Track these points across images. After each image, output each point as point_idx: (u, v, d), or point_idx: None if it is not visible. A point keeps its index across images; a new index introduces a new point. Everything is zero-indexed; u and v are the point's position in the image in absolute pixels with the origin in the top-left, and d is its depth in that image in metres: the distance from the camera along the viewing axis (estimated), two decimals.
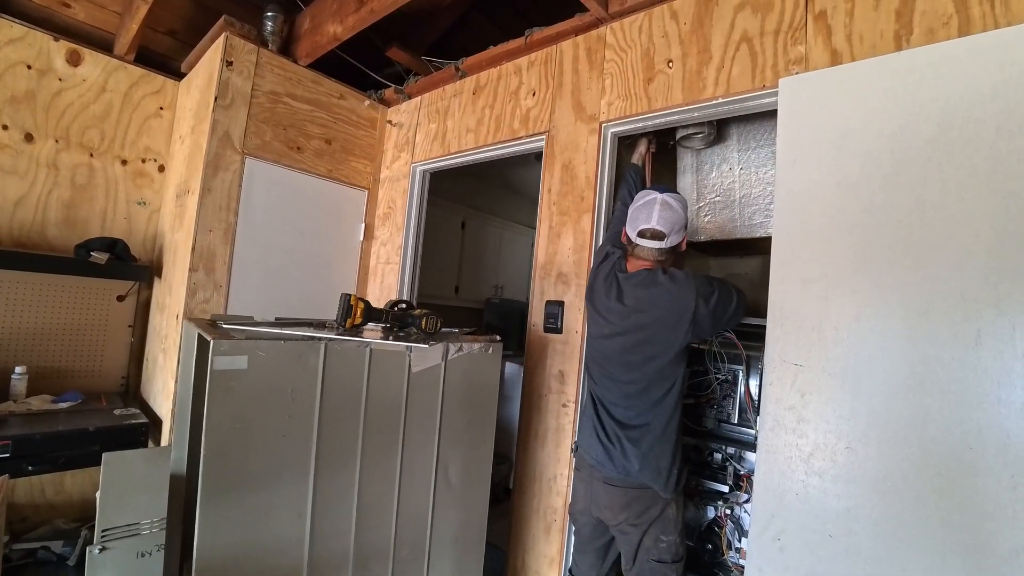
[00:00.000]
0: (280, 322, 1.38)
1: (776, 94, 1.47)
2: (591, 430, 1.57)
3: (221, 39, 2.28)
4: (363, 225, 2.82)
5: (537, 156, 2.14)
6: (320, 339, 1.15)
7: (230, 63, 2.27)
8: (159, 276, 2.62)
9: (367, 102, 2.84)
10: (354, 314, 1.28)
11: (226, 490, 1.07)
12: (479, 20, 3.18)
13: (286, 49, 2.61)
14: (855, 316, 1.24)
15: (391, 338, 1.35)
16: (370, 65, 2.81)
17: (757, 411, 1.63)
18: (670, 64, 1.73)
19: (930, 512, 1.12)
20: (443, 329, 1.50)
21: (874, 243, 1.24)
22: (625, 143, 1.99)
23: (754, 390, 1.83)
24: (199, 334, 1.28)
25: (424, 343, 1.31)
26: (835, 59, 1.42)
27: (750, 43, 1.57)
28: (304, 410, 1.14)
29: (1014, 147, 1.10)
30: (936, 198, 1.18)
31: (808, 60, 1.46)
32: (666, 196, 1.50)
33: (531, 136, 2.12)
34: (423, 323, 1.40)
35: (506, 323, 3.72)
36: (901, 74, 1.27)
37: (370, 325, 1.42)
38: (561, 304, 1.89)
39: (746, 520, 1.81)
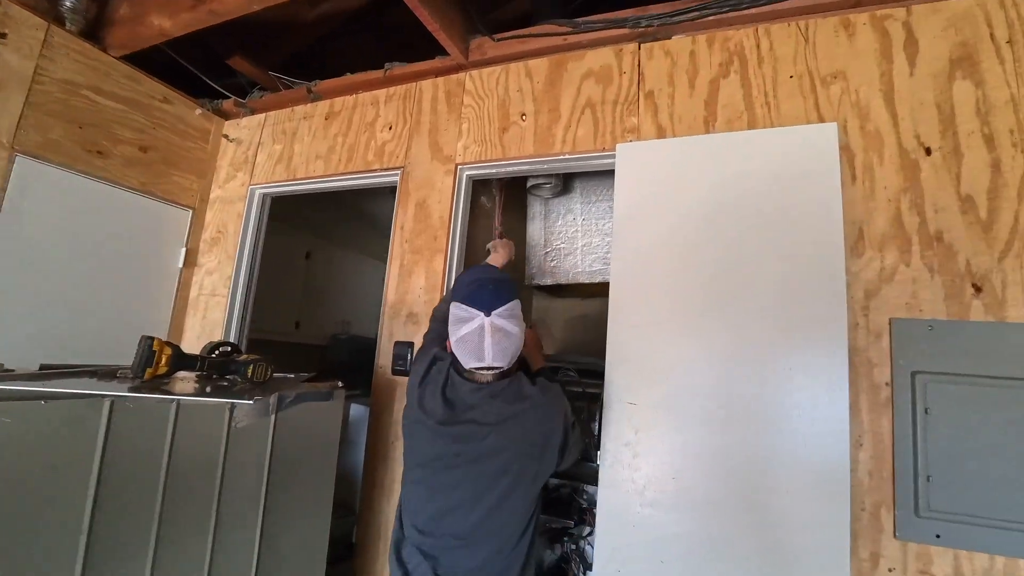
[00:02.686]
0: (47, 372, 1.08)
1: (614, 156, 1.64)
2: None
3: None
4: (184, 250, 2.42)
5: (392, 190, 2.08)
6: (104, 396, 0.91)
7: (3, 35, 1.82)
8: None
9: (199, 111, 2.50)
10: (157, 362, 1.05)
11: None
12: (340, 44, 3.06)
13: (93, 34, 2.18)
14: (677, 358, 1.40)
15: (209, 389, 1.15)
16: (207, 70, 2.49)
17: (598, 446, 1.72)
18: (524, 117, 1.83)
19: (742, 529, 1.28)
20: (275, 375, 1.32)
21: (691, 295, 1.42)
22: (480, 186, 2.04)
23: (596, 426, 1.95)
24: None
25: (249, 396, 1.13)
26: (661, 133, 1.63)
27: (593, 109, 1.74)
28: (72, 490, 0.88)
29: (789, 221, 1.37)
30: (736, 259, 1.40)
31: (640, 130, 1.66)
32: (496, 318, 1.13)
33: (386, 170, 2.05)
34: (249, 371, 1.21)
35: (354, 361, 3.46)
36: (709, 152, 1.51)
37: (181, 374, 1.18)
38: (411, 345, 1.82)
39: (590, 553, 1.88)
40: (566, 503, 1.89)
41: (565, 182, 2.13)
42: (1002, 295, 1.27)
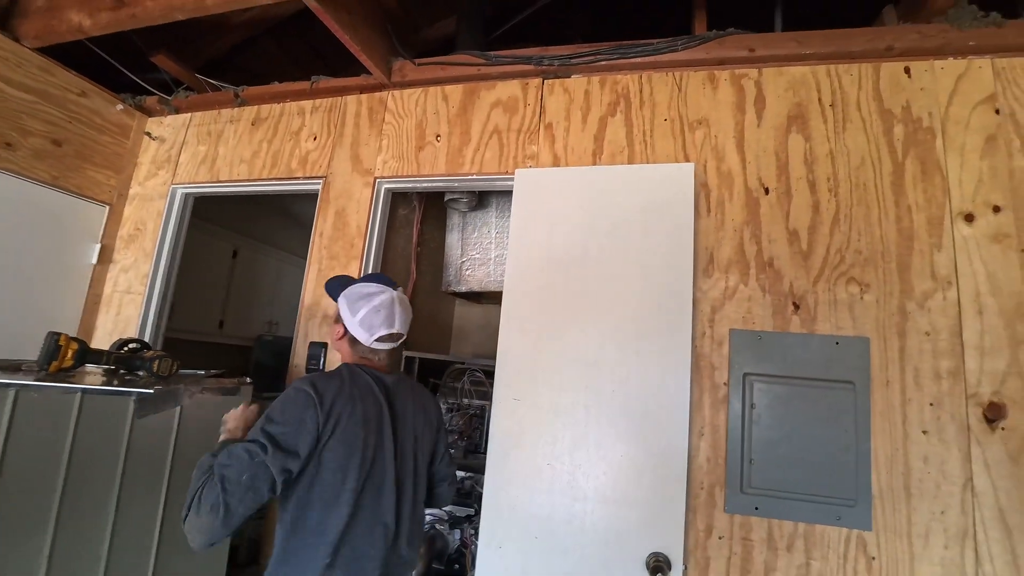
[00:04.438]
0: None
1: (514, 180, 1.83)
2: None
3: None
4: (98, 246, 2.40)
5: (315, 196, 2.18)
6: (9, 385, 0.99)
7: None
8: None
9: (120, 106, 2.49)
10: (62, 356, 1.12)
11: None
12: (269, 46, 3.10)
13: (4, 23, 2.15)
14: (556, 360, 1.60)
15: (115, 383, 1.23)
16: (129, 64, 2.48)
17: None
18: (438, 138, 2.00)
19: (599, 506, 1.49)
20: (182, 371, 1.41)
21: (570, 306, 1.64)
22: (400, 197, 2.18)
23: None
24: None
25: (151, 388, 1.22)
26: (556, 161, 1.84)
27: (500, 135, 1.93)
28: None
29: (651, 245, 1.61)
30: (608, 275, 1.63)
31: (538, 158, 1.87)
32: (400, 293, 1.38)
33: (308, 178, 2.16)
34: (155, 366, 1.29)
35: (279, 362, 3.48)
36: (594, 182, 1.73)
37: (88, 368, 1.25)
38: (324, 346, 1.94)
39: None
40: (467, 493, 2.06)
41: (481, 197, 2.31)
42: (814, 312, 1.56)
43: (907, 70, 1.67)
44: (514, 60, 1.93)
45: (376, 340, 1.31)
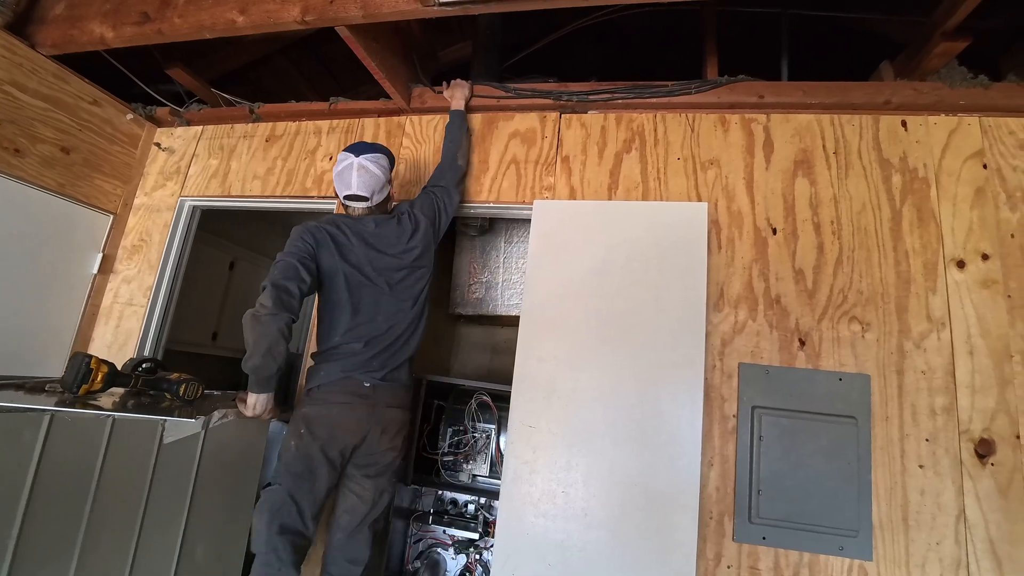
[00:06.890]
0: None
1: (531, 209, 1.88)
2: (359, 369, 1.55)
3: None
4: (100, 256, 2.36)
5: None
6: (43, 411, 0.98)
7: None
8: None
9: (130, 116, 2.47)
10: (93, 379, 1.11)
11: None
12: (282, 62, 3.13)
13: (21, 29, 2.13)
14: (572, 388, 1.64)
15: (133, 404, 1.21)
16: (141, 73, 2.47)
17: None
18: None
19: (612, 535, 1.52)
20: (205, 392, 1.40)
21: (587, 336, 1.68)
22: None
23: (504, 446, 2.15)
24: None
25: (180, 413, 1.20)
26: (573, 194, 1.90)
27: (517, 165, 1.98)
28: (6, 498, 0.93)
29: (666, 279, 1.67)
30: (624, 307, 1.68)
31: (555, 189, 1.92)
32: (363, 159, 1.61)
33: (323, 198, 2.17)
34: (181, 390, 1.28)
35: None
36: (609, 216, 1.79)
37: (112, 390, 1.23)
38: None
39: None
40: (473, 517, 2.07)
41: (491, 222, 2.35)
42: (819, 349, 1.64)
43: (904, 123, 1.78)
44: (533, 94, 2.00)
45: (344, 199, 1.66)
